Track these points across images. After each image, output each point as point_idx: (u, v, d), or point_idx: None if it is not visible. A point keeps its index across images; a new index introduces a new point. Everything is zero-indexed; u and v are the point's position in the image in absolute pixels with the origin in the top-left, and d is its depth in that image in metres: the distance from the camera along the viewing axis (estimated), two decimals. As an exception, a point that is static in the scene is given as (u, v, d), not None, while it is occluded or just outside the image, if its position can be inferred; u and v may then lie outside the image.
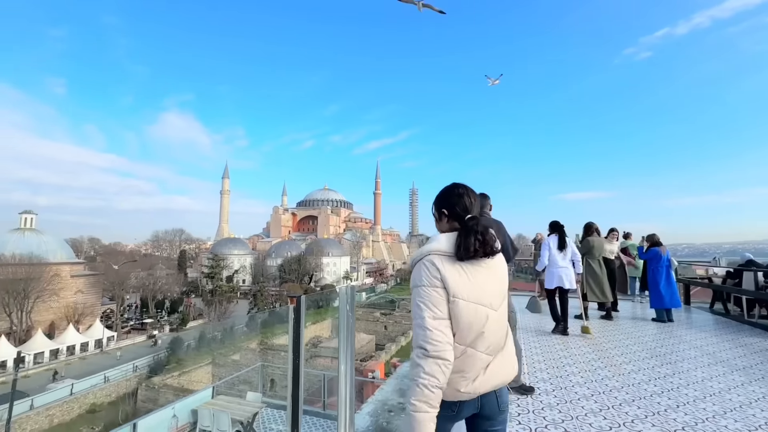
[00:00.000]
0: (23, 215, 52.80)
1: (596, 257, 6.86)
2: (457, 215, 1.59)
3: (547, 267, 5.92)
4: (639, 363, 4.42)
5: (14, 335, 39.04)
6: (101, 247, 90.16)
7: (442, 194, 1.70)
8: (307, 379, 20.19)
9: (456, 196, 1.63)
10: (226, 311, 51.47)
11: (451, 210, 1.62)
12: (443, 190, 1.72)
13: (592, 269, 6.81)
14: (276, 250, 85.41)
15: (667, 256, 7.47)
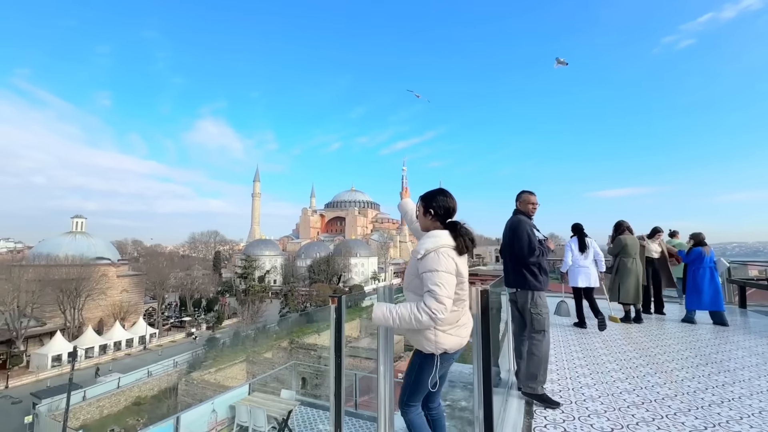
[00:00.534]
0: (75, 219, 56.83)
1: (632, 255, 6.53)
2: (441, 217, 2.21)
3: (571, 267, 6.35)
4: (693, 370, 4.12)
5: (68, 331, 42.01)
6: (143, 249, 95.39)
7: (433, 196, 2.24)
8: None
9: (444, 201, 2.22)
10: (258, 310, 53.04)
11: (437, 211, 2.20)
12: (434, 193, 2.26)
13: (626, 268, 6.51)
14: (305, 251, 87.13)
15: (711, 256, 6.98)
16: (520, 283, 3.44)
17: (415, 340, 2.18)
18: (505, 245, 3.65)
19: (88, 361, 37.90)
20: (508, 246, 3.59)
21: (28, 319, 39.03)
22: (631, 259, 6.54)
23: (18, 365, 36.30)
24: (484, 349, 2.23)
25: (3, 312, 36.75)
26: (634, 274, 6.49)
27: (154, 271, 58.76)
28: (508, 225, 3.65)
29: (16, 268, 43.62)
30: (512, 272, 3.53)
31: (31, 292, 39.13)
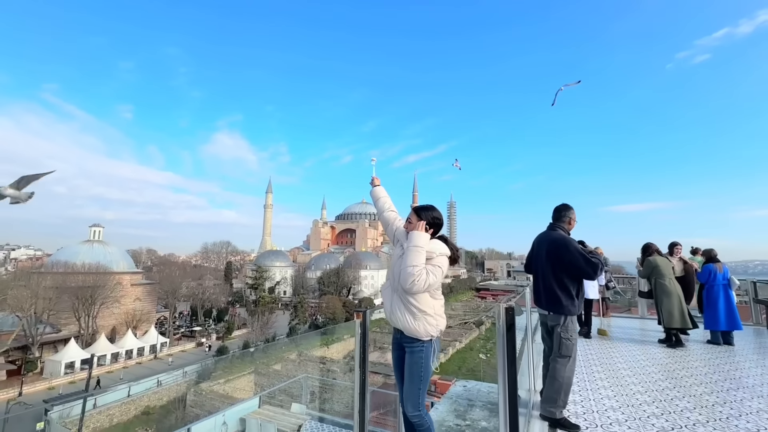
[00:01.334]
0: (92, 228, 58.19)
1: (667, 275, 6.27)
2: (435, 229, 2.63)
3: None
4: (723, 395, 3.93)
5: (82, 338, 42.56)
6: (157, 258, 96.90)
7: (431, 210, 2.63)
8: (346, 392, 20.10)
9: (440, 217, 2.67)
10: (268, 321, 53.00)
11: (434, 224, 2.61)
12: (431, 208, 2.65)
13: (665, 289, 6.20)
14: (315, 262, 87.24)
15: (724, 273, 6.73)
16: (556, 305, 3.29)
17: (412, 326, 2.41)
18: (547, 263, 3.40)
19: (99, 369, 38.21)
20: (556, 263, 3.34)
21: (44, 326, 39.72)
22: (667, 278, 6.27)
23: (32, 371, 36.79)
24: (510, 367, 2.17)
25: (21, 318, 37.50)
26: (675, 294, 6.18)
27: (167, 280, 59.47)
28: (557, 241, 3.41)
29: (35, 275, 44.64)
30: (550, 292, 3.34)
31: (48, 298, 39.89)
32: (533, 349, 4.25)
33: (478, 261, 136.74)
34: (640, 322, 8.82)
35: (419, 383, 2.42)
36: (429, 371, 2.46)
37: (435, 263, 2.40)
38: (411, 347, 2.45)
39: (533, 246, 3.60)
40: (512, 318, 2.22)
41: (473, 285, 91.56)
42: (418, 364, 2.42)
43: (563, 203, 3.67)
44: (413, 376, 2.43)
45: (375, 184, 3.06)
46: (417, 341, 2.42)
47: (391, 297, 2.54)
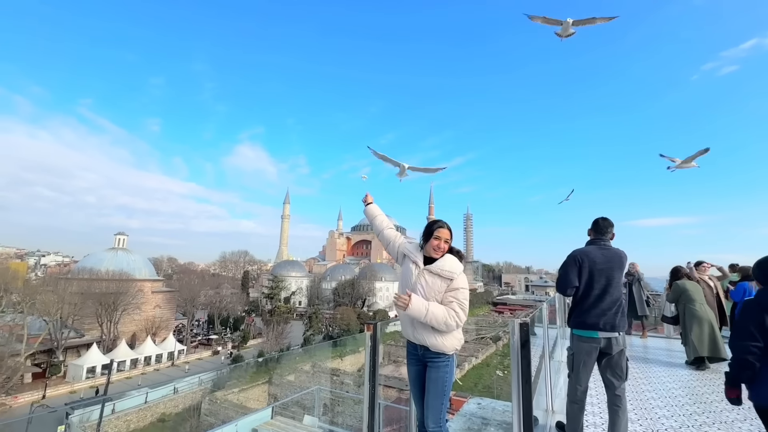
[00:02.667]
0: (117, 236, 60.20)
1: (698, 300, 5.95)
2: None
3: None
4: (758, 422, 3.67)
5: (103, 344, 43.67)
6: (177, 266, 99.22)
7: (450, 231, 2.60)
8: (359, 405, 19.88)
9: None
10: (282, 331, 53.21)
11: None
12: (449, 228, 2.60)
13: (694, 315, 5.85)
14: (331, 273, 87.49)
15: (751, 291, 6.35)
16: (623, 324, 3.06)
17: (439, 342, 2.39)
18: (620, 281, 3.13)
19: (119, 375, 39.01)
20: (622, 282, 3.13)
21: (68, 330, 41.00)
22: (698, 303, 5.97)
23: (56, 375, 37.89)
24: (524, 386, 2.10)
25: (48, 322, 38.86)
26: (707, 321, 5.82)
27: (186, 288, 60.67)
28: (623, 259, 3.20)
29: (62, 281, 46.36)
30: (622, 313, 3.07)
31: (74, 304, 41.25)
32: (551, 367, 4.10)
33: (495, 274, 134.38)
34: (666, 342, 8.43)
35: (442, 398, 2.43)
36: (452, 384, 2.49)
37: (458, 285, 2.42)
38: (436, 362, 2.44)
39: (593, 262, 3.13)
40: (527, 334, 2.15)
41: (490, 299, 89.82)
42: (443, 379, 2.43)
43: (604, 217, 3.39)
44: (438, 390, 2.43)
45: (368, 202, 2.99)
46: (443, 355, 2.43)
47: (410, 318, 2.44)
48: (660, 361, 6.46)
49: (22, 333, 35.75)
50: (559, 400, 4.19)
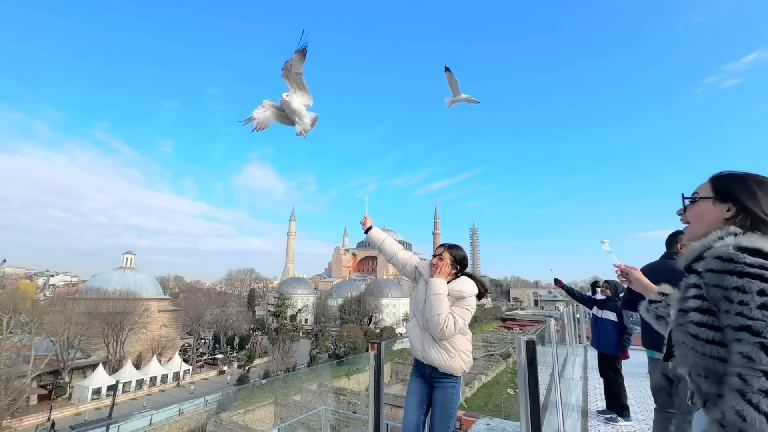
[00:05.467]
0: (125, 255, 60.70)
1: None
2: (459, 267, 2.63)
3: None
4: None
5: (109, 364, 43.44)
6: (184, 284, 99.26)
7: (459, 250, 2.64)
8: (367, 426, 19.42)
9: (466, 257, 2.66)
10: (289, 350, 52.61)
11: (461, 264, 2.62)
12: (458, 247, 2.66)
13: None
14: (337, 290, 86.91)
15: None
16: None
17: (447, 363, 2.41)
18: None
19: (124, 396, 38.63)
20: None
21: (75, 351, 40.91)
22: None
23: (62, 396, 37.60)
24: (532, 405, 2.05)
25: (55, 342, 38.84)
26: None
27: (192, 307, 60.54)
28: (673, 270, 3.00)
29: (70, 301, 46.52)
30: None
31: (81, 324, 41.30)
32: (562, 385, 3.99)
33: (503, 289, 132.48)
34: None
35: (448, 420, 2.43)
36: (458, 406, 2.50)
37: (465, 305, 2.45)
38: (443, 383, 2.47)
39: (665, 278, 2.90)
40: (534, 352, 2.12)
41: (499, 315, 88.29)
42: (450, 400, 2.44)
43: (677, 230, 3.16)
44: (444, 412, 2.44)
45: (369, 225, 2.86)
46: (450, 377, 2.46)
47: (421, 336, 2.52)
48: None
49: (29, 354, 35.73)
50: (571, 420, 4.07)
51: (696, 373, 0.98)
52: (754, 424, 0.78)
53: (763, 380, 0.81)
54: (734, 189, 1.09)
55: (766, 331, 0.83)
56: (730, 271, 0.92)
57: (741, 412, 0.82)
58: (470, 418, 23.23)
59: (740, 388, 0.84)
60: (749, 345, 0.85)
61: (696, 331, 0.97)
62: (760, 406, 0.79)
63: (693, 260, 1.06)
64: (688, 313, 1.01)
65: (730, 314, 0.90)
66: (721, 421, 0.86)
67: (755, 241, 0.94)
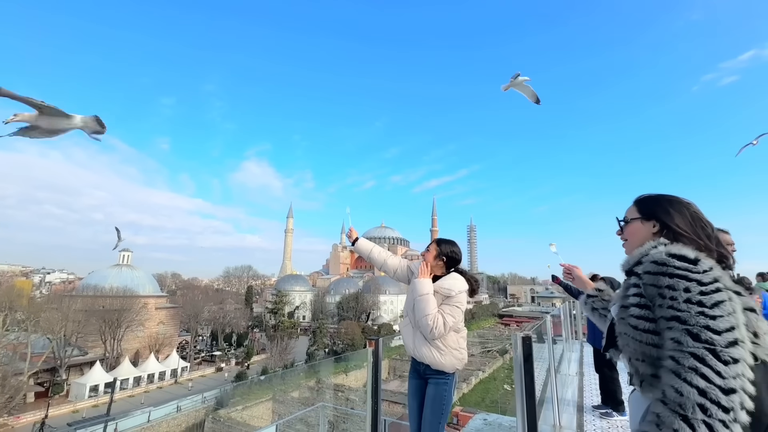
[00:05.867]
0: (122, 253, 60.41)
1: None
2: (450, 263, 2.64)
3: None
4: None
5: (107, 361, 43.38)
6: (181, 282, 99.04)
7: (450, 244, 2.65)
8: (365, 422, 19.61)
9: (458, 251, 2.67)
10: (286, 347, 52.75)
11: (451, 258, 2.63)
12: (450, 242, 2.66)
13: None
14: (335, 287, 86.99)
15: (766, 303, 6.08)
16: None
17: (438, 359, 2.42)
18: None
19: (122, 393, 38.60)
20: None
21: (72, 348, 40.80)
22: None
23: (59, 394, 37.54)
24: (528, 400, 2.08)
25: (51, 340, 38.72)
26: None
27: (190, 304, 60.46)
28: None
29: (67, 298, 46.37)
30: None
31: (78, 321, 41.17)
32: (558, 381, 4.03)
33: (501, 286, 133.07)
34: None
35: (440, 416, 2.42)
36: (451, 403, 2.50)
37: (454, 302, 2.45)
38: (436, 379, 2.47)
39: None
40: (530, 347, 2.14)
41: (496, 311, 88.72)
42: (441, 396, 2.44)
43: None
44: (435, 408, 2.44)
45: (354, 237, 2.93)
46: (442, 373, 2.46)
47: (413, 334, 2.54)
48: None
49: (26, 351, 35.61)
50: (567, 414, 4.12)
51: (635, 358, 1.21)
52: (689, 396, 0.97)
53: (691, 359, 1.00)
54: (653, 209, 1.39)
55: (690, 319, 1.05)
56: (662, 273, 1.15)
57: (678, 388, 0.99)
58: (467, 413, 23.42)
59: (674, 368, 1.03)
60: (678, 331, 1.06)
61: (635, 323, 1.19)
62: (692, 381, 0.98)
63: (633, 265, 1.30)
64: (629, 308, 1.23)
65: (663, 307, 1.12)
66: (663, 399, 1.03)
67: (681, 249, 1.19)
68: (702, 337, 1.02)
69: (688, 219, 1.32)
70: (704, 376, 0.97)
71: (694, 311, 1.05)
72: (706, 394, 0.96)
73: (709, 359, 0.99)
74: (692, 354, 1.01)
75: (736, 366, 0.98)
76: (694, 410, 0.96)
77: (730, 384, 0.96)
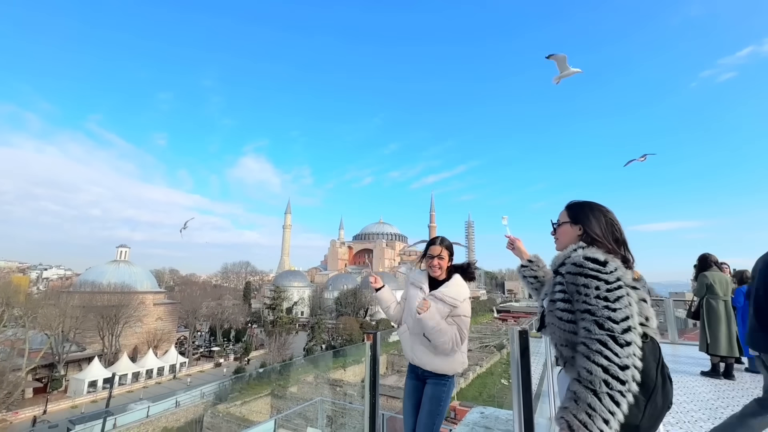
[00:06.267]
0: (119, 249, 60.32)
1: (721, 296, 5.65)
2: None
3: None
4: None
5: (105, 357, 43.41)
6: (179, 278, 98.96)
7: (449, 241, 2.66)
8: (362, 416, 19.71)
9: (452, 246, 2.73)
10: (285, 342, 52.90)
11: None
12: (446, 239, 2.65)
13: (714, 312, 5.59)
14: (333, 282, 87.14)
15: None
16: None
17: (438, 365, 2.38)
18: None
19: (120, 388, 38.68)
20: None
21: (70, 344, 40.79)
22: (720, 300, 5.66)
23: (57, 389, 37.59)
24: (525, 393, 2.10)
25: (49, 336, 38.68)
26: (725, 319, 5.56)
27: (188, 300, 60.45)
28: None
29: (64, 295, 46.28)
30: None
31: (75, 317, 41.12)
32: (554, 375, 4.07)
33: (498, 281, 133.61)
34: (671, 348, 8.36)
35: (436, 417, 2.39)
36: (448, 405, 2.49)
37: (462, 313, 2.40)
38: (435, 380, 2.44)
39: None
40: (527, 342, 2.15)
41: (493, 307, 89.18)
42: (438, 398, 2.41)
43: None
44: (432, 408, 2.40)
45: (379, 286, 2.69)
46: (443, 376, 2.43)
47: (411, 342, 2.49)
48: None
49: (24, 348, 35.58)
50: (563, 408, 4.15)
51: (560, 343, 1.52)
52: (596, 374, 1.27)
53: (597, 344, 1.30)
54: (578, 214, 1.65)
55: (598, 312, 1.34)
56: (579, 273, 1.43)
57: (588, 368, 1.29)
58: (464, 407, 23.57)
59: (585, 352, 1.33)
60: (589, 322, 1.35)
61: (560, 315, 1.49)
62: (598, 362, 1.28)
63: (559, 265, 1.57)
64: (556, 302, 1.52)
65: (579, 302, 1.41)
66: (578, 378, 1.32)
67: (594, 253, 1.46)
68: (605, 326, 1.31)
69: (602, 225, 1.59)
70: (607, 357, 1.27)
71: (601, 305, 1.34)
72: (608, 371, 1.26)
73: (610, 344, 1.29)
74: (598, 340, 1.30)
75: (629, 347, 1.29)
76: (601, 385, 1.25)
77: (625, 362, 1.27)
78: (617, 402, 1.24)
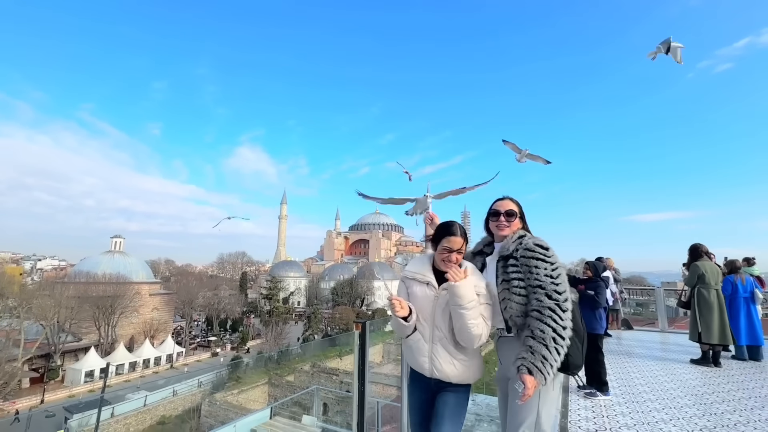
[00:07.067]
0: (114, 239, 59.95)
1: (713, 286, 5.76)
2: None
3: None
4: (747, 413, 3.68)
5: (101, 347, 43.50)
6: (175, 268, 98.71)
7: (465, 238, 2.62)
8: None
9: None
10: (281, 332, 53.20)
11: None
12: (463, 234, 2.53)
13: (706, 301, 5.69)
14: (329, 273, 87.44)
15: (747, 285, 6.36)
16: None
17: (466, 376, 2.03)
18: None
19: (117, 378, 38.88)
20: None
21: (66, 335, 40.80)
22: (712, 290, 5.76)
23: (54, 379, 37.71)
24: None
25: (44, 326, 38.63)
26: (717, 307, 5.67)
27: (184, 290, 60.48)
28: None
29: (59, 285, 46.11)
30: None
31: (71, 308, 41.05)
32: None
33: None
34: (660, 336, 8.51)
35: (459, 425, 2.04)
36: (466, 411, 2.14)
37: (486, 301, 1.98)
38: (455, 389, 2.05)
39: None
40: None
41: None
42: (460, 406, 2.05)
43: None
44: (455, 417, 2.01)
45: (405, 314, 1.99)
46: (463, 385, 2.06)
47: (430, 351, 2.01)
48: (654, 356, 6.51)
49: (19, 338, 35.53)
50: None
51: (515, 315, 1.88)
52: (548, 333, 1.74)
53: (548, 311, 1.76)
54: (520, 209, 2.15)
55: (547, 287, 1.79)
56: (532, 257, 1.85)
57: (542, 329, 1.75)
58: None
59: (537, 316, 1.78)
60: (540, 294, 1.80)
61: (517, 291, 1.87)
62: (549, 323, 1.75)
63: (512, 252, 1.94)
64: (512, 281, 1.88)
65: (531, 279, 1.83)
66: (532, 335, 1.77)
67: (540, 240, 1.92)
68: (553, 297, 1.78)
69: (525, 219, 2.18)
70: (554, 320, 1.74)
71: (549, 281, 1.80)
72: (556, 331, 1.73)
73: (557, 311, 1.76)
74: (548, 307, 1.76)
75: (568, 313, 1.78)
76: (551, 341, 1.72)
77: (566, 324, 1.76)
78: (560, 353, 1.73)
